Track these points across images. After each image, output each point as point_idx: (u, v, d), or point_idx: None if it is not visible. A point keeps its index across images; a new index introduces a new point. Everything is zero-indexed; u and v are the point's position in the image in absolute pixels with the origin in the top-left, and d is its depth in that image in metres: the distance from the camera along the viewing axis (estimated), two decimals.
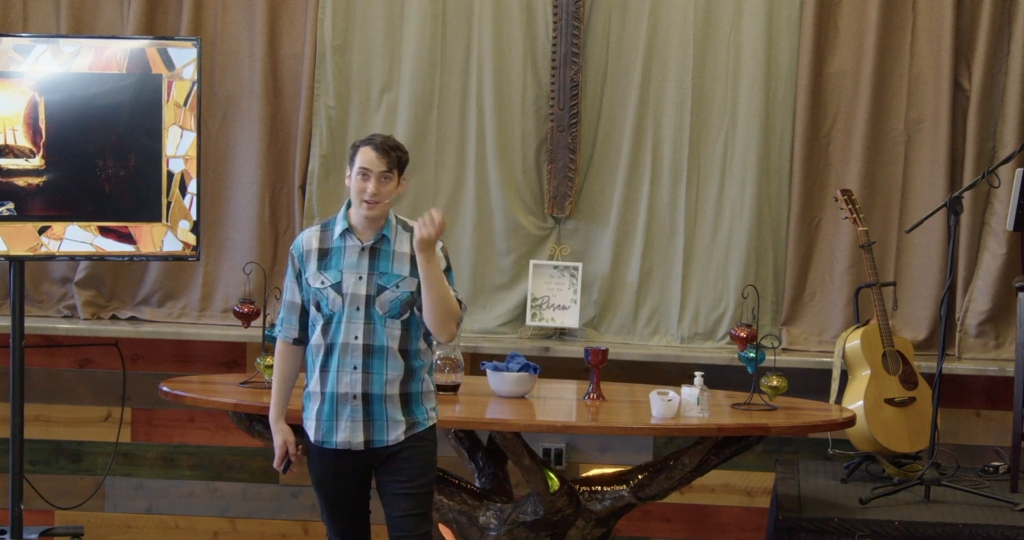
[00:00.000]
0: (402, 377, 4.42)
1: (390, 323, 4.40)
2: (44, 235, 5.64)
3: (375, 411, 4.41)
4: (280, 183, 6.37)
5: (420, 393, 4.46)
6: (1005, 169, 5.74)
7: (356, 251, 4.43)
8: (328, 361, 4.43)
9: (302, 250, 4.49)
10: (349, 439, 4.42)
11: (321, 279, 4.43)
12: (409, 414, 4.44)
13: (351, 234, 4.45)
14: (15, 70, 5.59)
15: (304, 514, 6.40)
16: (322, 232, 4.50)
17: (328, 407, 4.43)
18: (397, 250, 4.43)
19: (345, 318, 4.40)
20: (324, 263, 4.44)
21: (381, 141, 4.42)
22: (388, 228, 4.44)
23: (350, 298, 4.40)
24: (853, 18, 6.17)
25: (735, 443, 5.18)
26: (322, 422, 4.45)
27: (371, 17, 6.27)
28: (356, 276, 4.40)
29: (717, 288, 6.25)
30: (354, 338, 4.39)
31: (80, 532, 5.89)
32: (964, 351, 6.17)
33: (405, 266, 4.41)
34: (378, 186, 4.38)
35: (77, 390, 6.40)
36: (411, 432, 4.44)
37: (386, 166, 4.38)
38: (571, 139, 6.23)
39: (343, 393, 4.41)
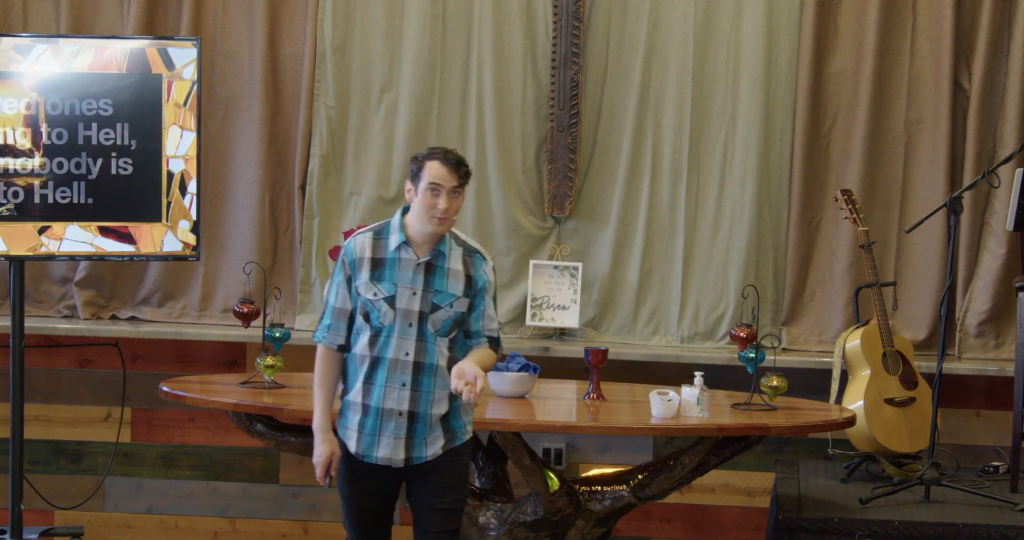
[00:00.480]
0: (448, 396, 4.34)
1: (440, 341, 4.33)
2: (44, 235, 5.64)
3: (419, 429, 4.33)
4: (280, 183, 6.36)
5: (459, 407, 4.39)
6: (1005, 169, 5.74)
7: (412, 265, 4.32)
8: (374, 374, 4.33)
9: (355, 256, 4.35)
10: (390, 456, 4.34)
11: (374, 290, 4.32)
12: (448, 429, 4.37)
13: (408, 247, 4.33)
14: (15, 70, 5.59)
15: (304, 514, 6.40)
16: (375, 240, 4.37)
17: (372, 421, 4.34)
18: (452, 267, 4.34)
19: (397, 333, 4.31)
20: (377, 274, 4.33)
21: (448, 155, 4.30)
22: (444, 244, 4.34)
23: (403, 313, 4.30)
24: (853, 18, 6.17)
25: (735, 443, 5.18)
26: (364, 435, 4.35)
27: (371, 17, 6.27)
28: (410, 291, 4.31)
29: (717, 288, 6.25)
30: (404, 355, 4.31)
31: (80, 532, 5.89)
32: (964, 351, 6.17)
33: (459, 285, 4.34)
34: (449, 202, 4.27)
35: (77, 390, 6.40)
36: (449, 446, 4.38)
37: (457, 181, 4.28)
38: (571, 139, 6.23)
39: (388, 409, 4.32)
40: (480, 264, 4.38)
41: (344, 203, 6.32)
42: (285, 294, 6.24)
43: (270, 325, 5.44)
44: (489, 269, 4.39)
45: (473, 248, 4.41)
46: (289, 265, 6.38)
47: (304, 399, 5.45)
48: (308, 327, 6.27)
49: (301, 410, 5.15)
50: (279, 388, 5.34)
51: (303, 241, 6.31)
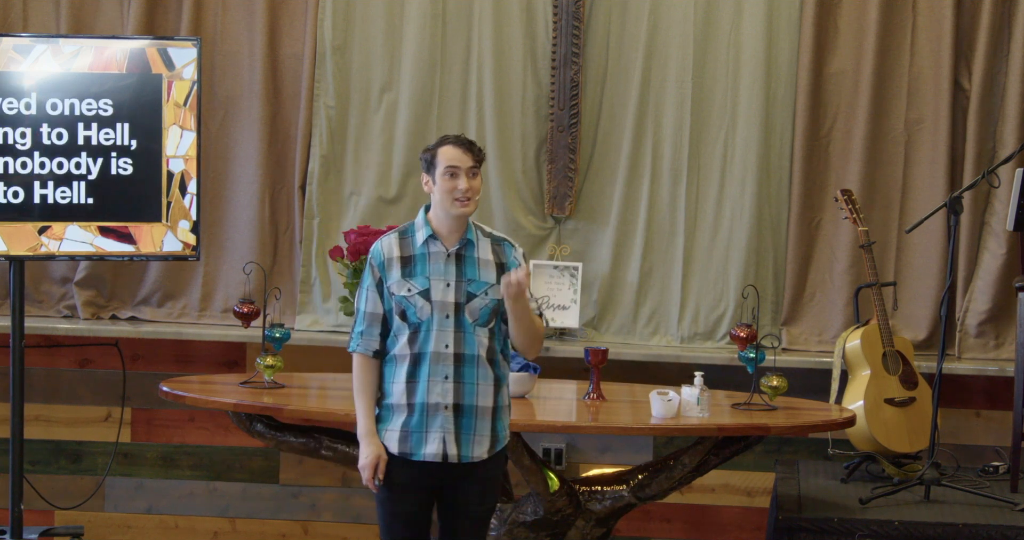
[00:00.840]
0: (493, 388, 4.33)
1: (479, 331, 4.31)
2: (44, 235, 5.64)
3: (465, 423, 4.30)
4: (280, 183, 6.37)
5: (503, 407, 4.38)
6: (1005, 169, 5.74)
7: (442, 257, 4.31)
8: (417, 371, 4.30)
9: (383, 258, 4.33)
10: (437, 452, 4.29)
11: (407, 287, 4.30)
12: (495, 430, 4.35)
13: (435, 240, 4.33)
14: (15, 70, 5.59)
15: (304, 514, 6.40)
16: (401, 239, 4.35)
17: (418, 418, 4.30)
18: (482, 257, 4.34)
19: (436, 326, 4.28)
20: (409, 270, 4.31)
21: (460, 138, 4.32)
22: (471, 232, 4.34)
23: (439, 306, 4.28)
24: (853, 18, 6.17)
25: (735, 443, 5.18)
26: (410, 433, 4.31)
27: (371, 17, 6.27)
28: (444, 283, 4.29)
29: (717, 288, 6.25)
30: (444, 347, 4.28)
31: (80, 532, 5.89)
32: (964, 351, 6.17)
33: (491, 273, 4.32)
34: (469, 181, 4.27)
35: (77, 390, 6.40)
36: (493, 450, 4.36)
37: (473, 161, 4.29)
38: (571, 139, 6.23)
39: (434, 404, 4.28)
40: (510, 251, 4.39)
41: (344, 203, 6.32)
42: (285, 294, 6.24)
43: (270, 325, 5.44)
44: (519, 255, 4.39)
45: (500, 237, 4.42)
46: (289, 265, 6.38)
47: (303, 399, 5.47)
48: (308, 327, 6.28)
49: (301, 410, 5.16)
50: (279, 388, 5.34)
51: (303, 241, 6.31)
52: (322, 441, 5.24)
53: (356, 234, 5.39)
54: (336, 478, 6.36)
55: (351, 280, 5.36)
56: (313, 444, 5.24)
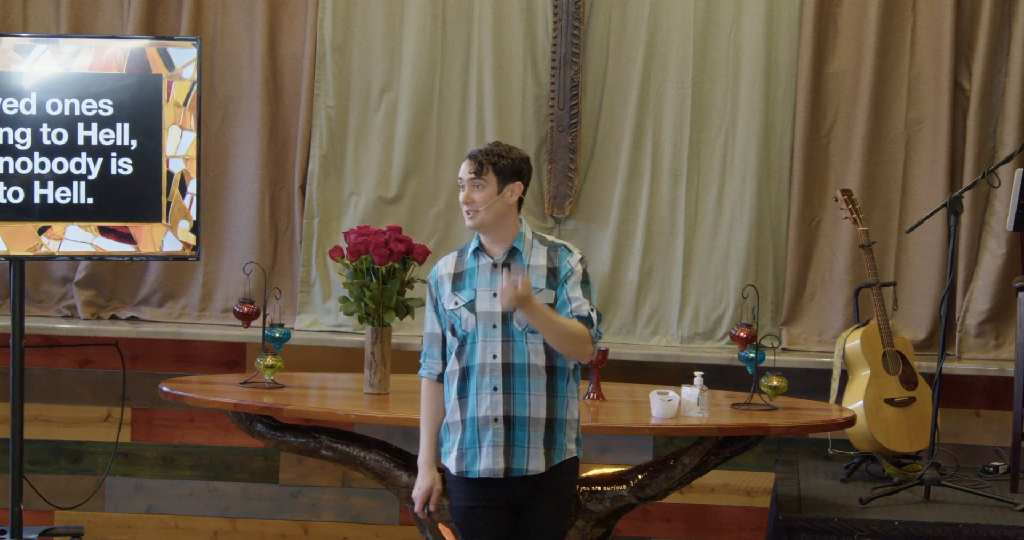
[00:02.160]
0: (546, 398, 4.19)
1: (532, 339, 4.18)
2: (44, 235, 5.64)
3: (517, 436, 4.18)
4: (280, 183, 6.37)
5: (565, 420, 4.23)
6: (1005, 169, 5.74)
7: (488, 268, 4.23)
8: (466, 386, 4.22)
9: (437, 276, 4.30)
10: (490, 466, 4.19)
11: (455, 300, 4.23)
12: (551, 443, 4.21)
13: (483, 252, 4.26)
14: (15, 70, 5.59)
15: (304, 514, 6.40)
16: (458, 257, 4.30)
17: (469, 433, 4.22)
18: (532, 263, 4.22)
19: (480, 337, 4.20)
20: (458, 285, 4.25)
21: (478, 148, 4.24)
22: (519, 240, 4.23)
23: (483, 316, 4.19)
24: (853, 18, 6.17)
25: (735, 443, 5.18)
26: (464, 450, 4.23)
27: (371, 17, 6.27)
28: (490, 293, 4.19)
29: (717, 288, 6.25)
30: (492, 357, 4.18)
31: (80, 532, 5.89)
32: (964, 351, 6.17)
33: (541, 279, 4.19)
34: (469, 193, 4.18)
35: (77, 390, 6.40)
36: (550, 464, 4.21)
37: (472, 172, 4.18)
38: (571, 139, 6.23)
39: (483, 416, 4.19)
40: (564, 255, 4.25)
41: (344, 203, 6.32)
42: (285, 294, 6.24)
43: (270, 325, 5.44)
44: (574, 259, 4.24)
45: (559, 243, 4.29)
46: (289, 265, 6.38)
47: (303, 399, 5.47)
48: (308, 327, 6.28)
49: (301, 410, 5.16)
50: (279, 388, 5.34)
51: (303, 241, 6.31)
52: (322, 441, 5.24)
53: (356, 234, 5.38)
54: (336, 478, 6.36)
55: (351, 280, 5.36)
56: (313, 444, 5.24)
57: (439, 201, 6.31)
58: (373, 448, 5.23)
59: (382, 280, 5.33)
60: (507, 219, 4.23)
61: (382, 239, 5.34)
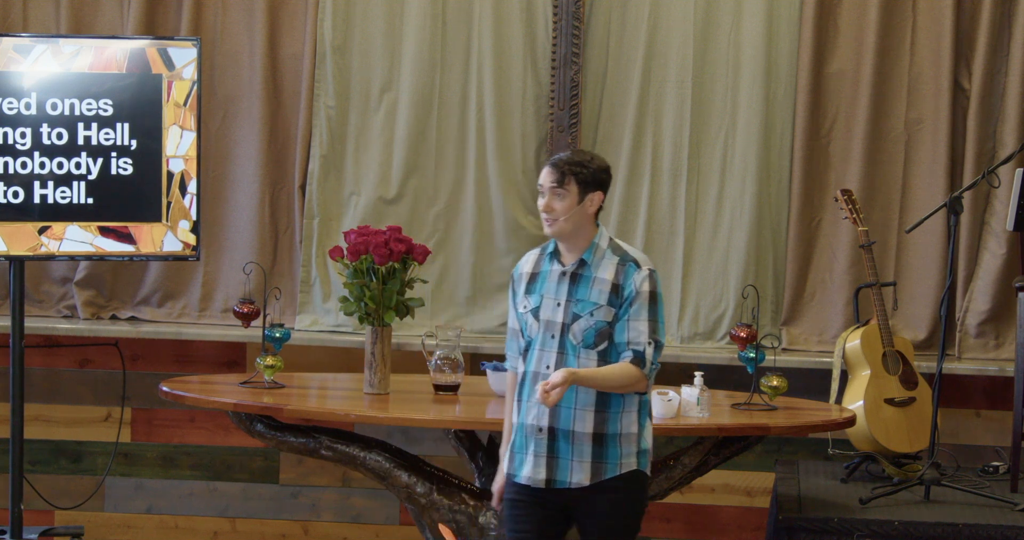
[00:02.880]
0: (594, 414, 4.15)
1: (584, 353, 4.15)
2: (44, 235, 5.64)
3: (560, 448, 4.16)
4: (280, 183, 6.36)
5: (618, 435, 4.18)
6: (1005, 169, 5.74)
7: (557, 276, 4.20)
8: (522, 390, 4.23)
9: (518, 273, 4.30)
10: (531, 475, 4.19)
11: (525, 303, 4.24)
12: (600, 457, 4.16)
13: (556, 258, 4.23)
14: (15, 70, 5.59)
15: (304, 514, 6.40)
16: (539, 255, 4.29)
17: (519, 438, 4.23)
18: (598, 276, 4.17)
19: (539, 344, 4.19)
20: (531, 287, 4.24)
21: (558, 157, 4.19)
22: (590, 252, 4.18)
23: (545, 325, 4.18)
24: (853, 18, 6.17)
25: (735, 443, 5.17)
26: (514, 453, 4.25)
27: (371, 17, 6.27)
28: (554, 302, 4.18)
29: (717, 288, 6.25)
30: (545, 368, 4.16)
31: (80, 532, 5.89)
32: (964, 351, 6.17)
33: (603, 294, 4.15)
34: (549, 201, 4.14)
35: (77, 390, 6.40)
36: (598, 478, 4.15)
37: (554, 181, 4.13)
38: (571, 139, 6.23)
39: (530, 425, 4.19)
40: (631, 273, 4.17)
41: (344, 203, 6.32)
42: (285, 294, 6.24)
43: (270, 325, 5.44)
44: (640, 278, 4.16)
45: (630, 257, 4.20)
46: (289, 265, 6.38)
47: (303, 399, 5.47)
48: (308, 327, 6.28)
49: (301, 410, 5.15)
50: (279, 388, 5.34)
51: (303, 241, 6.31)
52: (322, 441, 5.23)
53: (356, 234, 5.37)
54: (336, 478, 6.36)
55: (351, 280, 5.36)
56: (313, 444, 5.23)
57: (439, 201, 6.31)
58: (373, 448, 5.23)
59: (382, 280, 5.33)
60: (584, 228, 4.20)
61: (382, 239, 5.34)
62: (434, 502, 5.17)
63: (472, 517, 5.19)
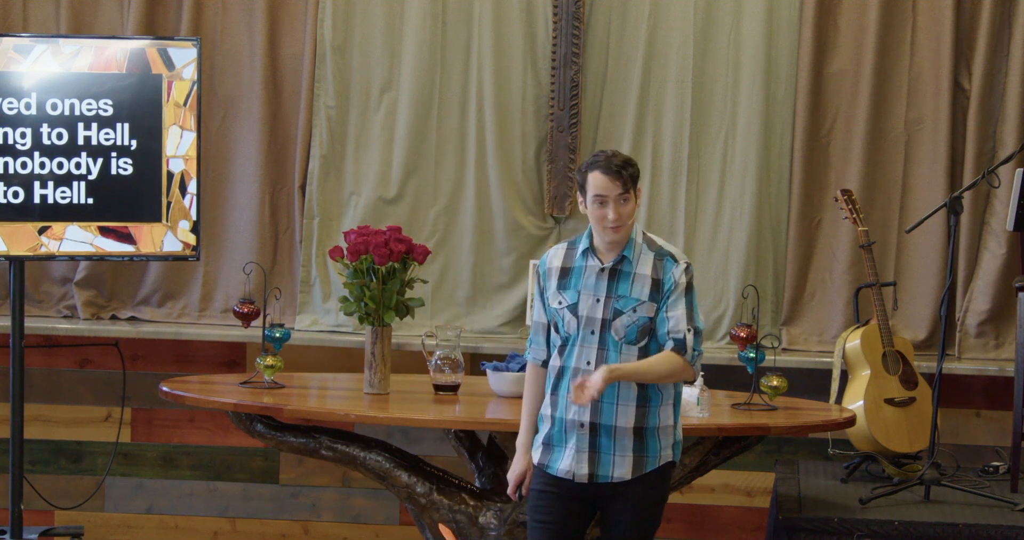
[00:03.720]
0: (636, 409, 4.19)
1: (626, 349, 4.19)
2: (44, 235, 5.64)
3: (602, 443, 4.20)
4: (280, 183, 6.37)
5: (657, 428, 4.22)
6: (1005, 169, 5.74)
7: (596, 272, 4.22)
8: (559, 385, 4.24)
9: (546, 267, 4.31)
10: (571, 469, 4.22)
11: (559, 299, 4.24)
12: (641, 450, 4.21)
13: (593, 254, 4.24)
14: (15, 70, 5.59)
15: (304, 514, 6.40)
16: (568, 250, 4.31)
17: (557, 431, 4.25)
18: (639, 272, 4.20)
19: (579, 341, 4.21)
20: (564, 283, 4.25)
21: (607, 162, 4.18)
22: (629, 248, 4.22)
23: (585, 321, 4.20)
24: (853, 18, 6.17)
25: (735, 443, 5.17)
26: (551, 446, 4.26)
27: (371, 17, 6.27)
28: (594, 298, 4.20)
29: (717, 288, 6.25)
30: (586, 364, 4.19)
31: (80, 532, 5.89)
32: (964, 351, 6.17)
33: (645, 290, 4.19)
34: (617, 210, 4.17)
35: (77, 390, 6.40)
36: (639, 472, 4.21)
37: (621, 188, 4.16)
38: (571, 139, 6.23)
39: (571, 420, 4.21)
40: (670, 267, 4.21)
41: (344, 203, 6.32)
42: (285, 294, 6.24)
43: (270, 325, 5.44)
44: (679, 271, 4.20)
45: (666, 251, 4.25)
46: (289, 265, 6.38)
47: (303, 399, 5.47)
48: (308, 327, 6.28)
49: (301, 410, 5.15)
50: (279, 388, 5.34)
51: (303, 241, 6.31)
52: (322, 441, 5.23)
53: (356, 234, 5.37)
54: (336, 478, 6.36)
55: (351, 280, 5.36)
56: (313, 444, 5.24)
57: (439, 201, 6.31)
58: (373, 448, 5.23)
59: (382, 280, 5.33)
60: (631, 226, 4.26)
61: (382, 239, 5.34)
62: (434, 502, 5.17)
63: (472, 517, 5.19)
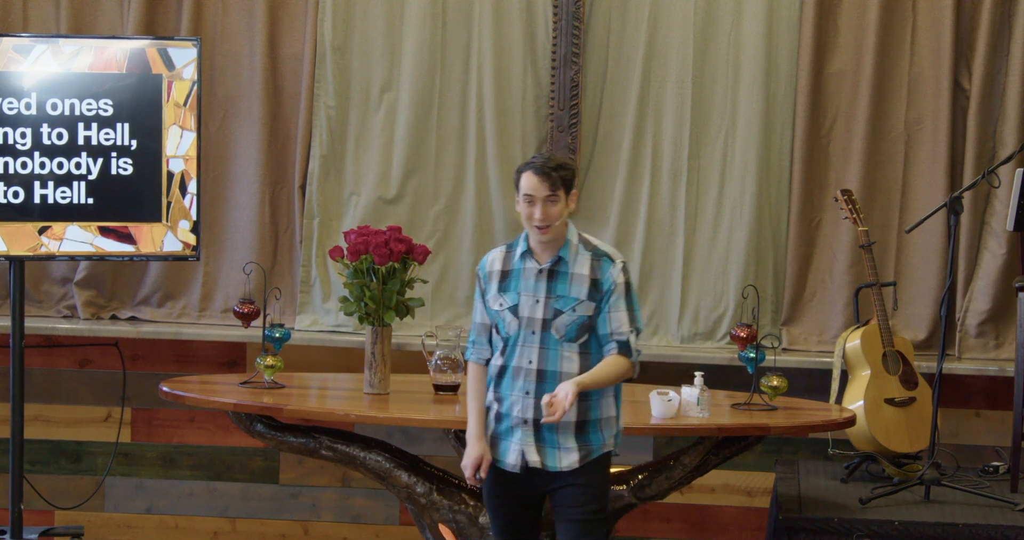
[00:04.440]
0: (578, 402, 4.30)
1: (567, 347, 4.33)
2: (44, 235, 5.64)
3: (546, 438, 4.34)
4: (280, 183, 6.37)
5: (599, 420, 4.38)
6: (1005, 169, 5.74)
7: (534, 273, 4.35)
8: (502, 383, 4.38)
9: (486, 270, 4.44)
10: (516, 463, 4.37)
11: (500, 301, 4.37)
12: (585, 442, 4.36)
13: (531, 256, 4.37)
14: (15, 70, 5.59)
15: (304, 514, 6.40)
16: (506, 253, 4.44)
17: (504, 428, 4.39)
18: (575, 272, 4.34)
19: (521, 341, 4.34)
20: (504, 285, 4.38)
21: (541, 164, 4.31)
22: (565, 249, 4.35)
23: (526, 321, 4.33)
24: (853, 18, 6.17)
25: (735, 443, 5.18)
26: (498, 441, 4.40)
27: (371, 17, 6.27)
28: (533, 299, 4.33)
29: (717, 288, 6.25)
30: (528, 363, 4.33)
31: (80, 532, 5.89)
32: (964, 351, 6.17)
33: (583, 289, 4.32)
34: (545, 210, 4.29)
35: (77, 390, 6.40)
36: (586, 461, 4.36)
37: (549, 190, 4.29)
38: (571, 139, 6.23)
39: (515, 417, 4.35)
40: (607, 267, 4.35)
41: (344, 203, 6.32)
42: (285, 294, 6.25)
43: (270, 325, 5.44)
44: (616, 271, 4.34)
45: (602, 251, 4.38)
46: (289, 265, 6.38)
47: (303, 399, 5.47)
48: (308, 327, 6.28)
49: (301, 410, 5.16)
50: (279, 388, 5.34)
51: (303, 241, 6.31)
52: (322, 441, 5.24)
53: (356, 234, 5.38)
54: (336, 478, 6.36)
55: (351, 280, 5.36)
56: (313, 444, 5.24)
57: (439, 201, 6.31)
58: (373, 448, 5.24)
59: (382, 280, 5.33)
60: (563, 227, 4.37)
61: (382, 239, 5.34)
62: (434, 502, 5.18)
63: (472, 517, 5.20)
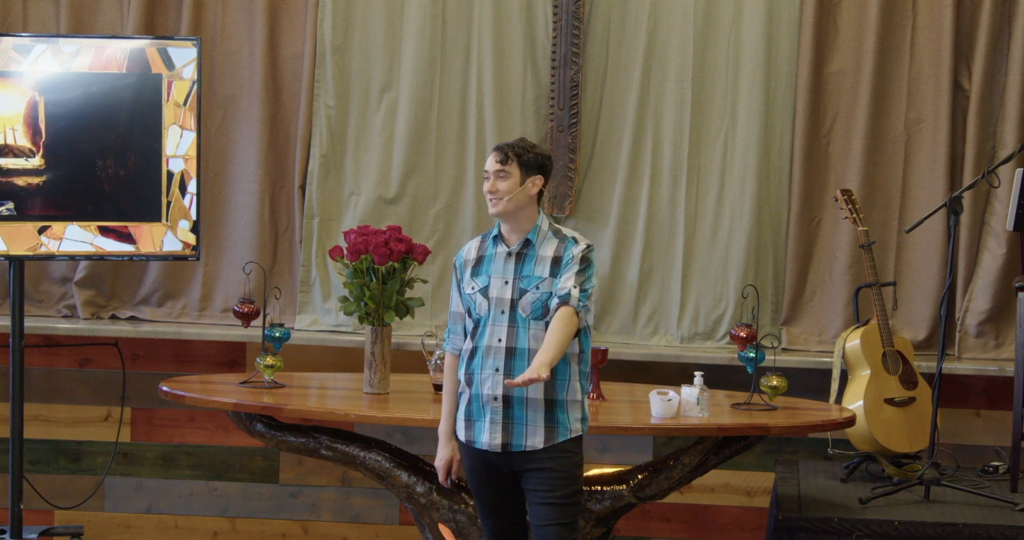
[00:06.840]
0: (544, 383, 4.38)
1: (534, 325, 4.43)
2: (44, 235, 5.64)
3: (515, 414, 4.43)
4: (280, 183, 6.37)
5: (566, 401, 4.46)
6: (1005, 169, 5.74)
7: (503, 256, 4.50)
8: (472, 363, 4.48)
9: (462, 260, 4.58)
10: (489, 441, 4.45)
11: (472, 285, 4.51)
12: (552, 421, 4.44)
13: (501, 241, 4.52)
14: (15, 70, 5.59)
15: (304, 514, 6.40)
16: (481, 242, 4.58)
17: (475, 408, 4.48)
18: (541, 254, 4.47)
19: (491, 321, 4.46)
20: (477, 270, 4.52)
21: (504, 143, 4.51)
22: (534, 233, 4.48)
23: (495, 302, 4.46)
24: (853, 18, 6.18)
25: (735, 443, 5.18)
26: (471, 422, 4.49)
27: (371, 17, 6.28)
28: (502, 281, 4.47)
29: (717, 288, 6.25)
30: (497, 341, 4.44)
31: (80, 532, 5.89)
32: (964, 351, 6.17)
33: (546, 268, 4.45)
34: (494, 183, 4.44)
35: (77, 390, 6.40)
36: (552, 441, 4.43)
37: (498, 164, 4.44)
38: (571, 139, 6.23)
39: (486, 394, 4.45)
40: (570, 246, 4.48)
41: (344, 203, 6.32)
42: (285, 294, 6.25)
43: (270, 325, 5.44)
44: (577, 249, 4.46)
45: (569, 236, 4.52)
46: (289, 265, 6.38)
47: (303, 399, 5.47)
48: (308, 327, 6.28)
49: (301, 410, 5.16)
50: (279, 388, 5.34)
51: (303, 241, 6.31)
52: (322, 441, 5.24)
53: (356, 234, 5.38)
54: (336, 478, 6.36)
55: (351, 280, 5.36)
56: (313, 444, 5.24)
57: (439, 201, 6.31)
58: (373, 448, 5.24)
59: (382, 280, 5.33)
60: (526, 210, 4.49)
61: (382, 239, 5.35)
62: (434, 502, 5.18)
63: (472, 517, 5.19)
